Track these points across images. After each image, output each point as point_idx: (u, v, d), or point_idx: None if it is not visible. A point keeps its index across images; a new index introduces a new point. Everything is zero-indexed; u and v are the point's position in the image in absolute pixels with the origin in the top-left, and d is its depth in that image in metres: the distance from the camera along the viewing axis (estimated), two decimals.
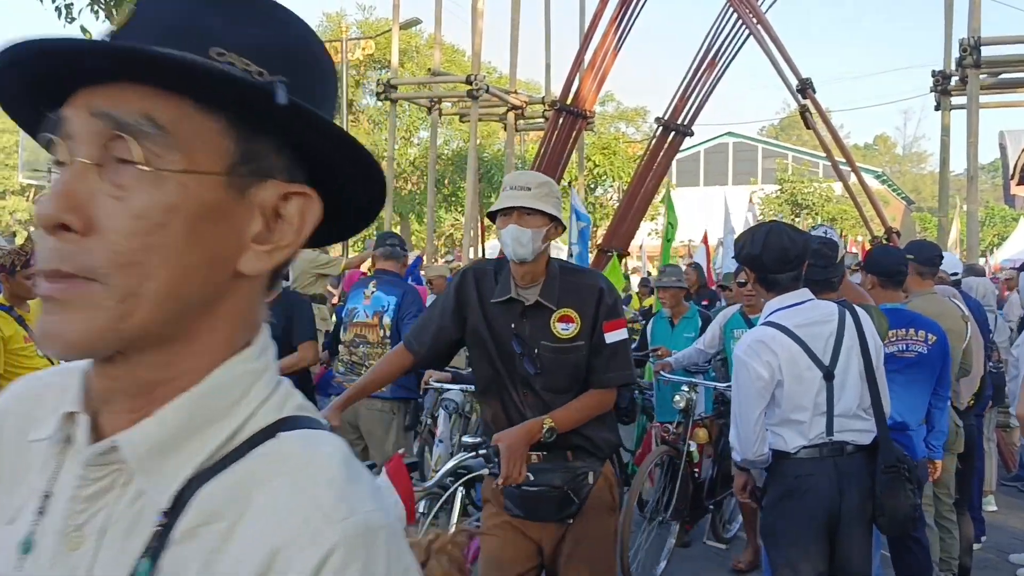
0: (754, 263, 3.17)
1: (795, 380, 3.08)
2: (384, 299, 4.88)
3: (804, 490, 3.08)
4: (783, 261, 3.12)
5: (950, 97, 10.28)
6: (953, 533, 4.69)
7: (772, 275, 3.15)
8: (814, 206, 32.28)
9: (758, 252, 3.13)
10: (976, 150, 9.17)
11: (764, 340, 3.11)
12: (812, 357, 3.09)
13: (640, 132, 32.46)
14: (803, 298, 3.18)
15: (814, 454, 3.08)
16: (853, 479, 3.09)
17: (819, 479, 3.07)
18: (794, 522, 3.10)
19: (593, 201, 22.81)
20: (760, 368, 3.07)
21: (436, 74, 13.50)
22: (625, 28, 10.79)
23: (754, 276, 3.20)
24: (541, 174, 2.83)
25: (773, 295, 3.19)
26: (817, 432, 3.08)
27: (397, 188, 20.54)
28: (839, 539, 3.12)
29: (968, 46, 8.74)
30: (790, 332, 3.09)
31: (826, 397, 3.08)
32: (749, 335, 3.26)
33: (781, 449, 3.14)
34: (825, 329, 3.13)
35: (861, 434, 3.12)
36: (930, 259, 4.66)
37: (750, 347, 3.13)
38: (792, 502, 3.10)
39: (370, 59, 24.25)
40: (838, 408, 3.09)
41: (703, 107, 11.88)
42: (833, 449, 3.09)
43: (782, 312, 3.15)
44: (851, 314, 3.18)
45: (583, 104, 11.06)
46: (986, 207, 33.79)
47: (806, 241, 3.22)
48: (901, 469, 3.09)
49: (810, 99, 9.59)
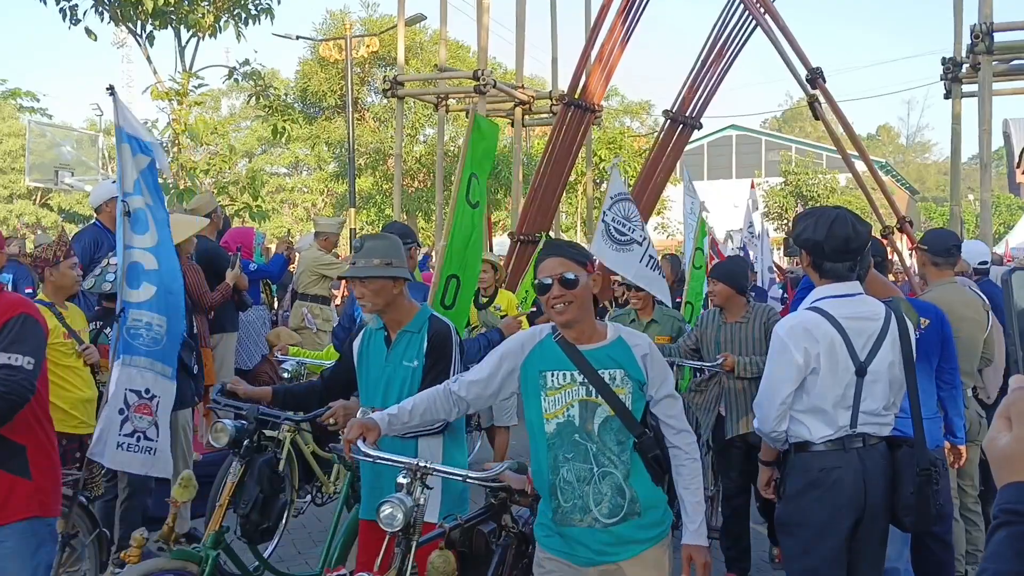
0: (814, 248, 3.12)
1: (829, 371, 3.05)
2: None
3: (830, 483, 3.06)
4: (844, 251, 3.08)
5: (961, 85, 10.21)
6: (979, 525, 4.66)
7: (831, 263, 3.11)
8: (818, 198, 32.23)
9: (821, 238, 3.08)
10: (989, 137, 9.10)
11: (808, 326, 3.08)
12: (850, 351, 3.06)
13: (645, 126, 32.37)
14: (855, 291, 3.14)
15: (838, 446, 3.07)
16: (878, 473, 3.08)
17: (845, 472, 3.05)
18: (819, 514, 3.08)
19: (599, 196, 22.76)
20: (797, 354, 3.05)
21: (443, 70, 13.46)
22: (633, 20, 10.73)
23: (809, 260, 3.16)
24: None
25: (825, 282, 3.15)
26: (842, 424, 3.07)
27: (404, 186, 20.49)
28: (860, 534, 3.10)
29: (980, 32, 8.67)
30: (836, 322, 3.06)
31: (854, 392, 3.06)
32: (793, 317, 3.23)
33: (804, 439, 3.12)
34: (870, 326, 3.09)
35: (880, 427, 3.11)
36: (945, 249, 4.61)
37: (792, 329, 3.11)
38: (817, 494, 3.08)
39: (374, 56, 24.20)
40: (864, 405, 3.07)
41: (711, 99, 11.83)
42: (855, 441, 3.07)
43: (831, 300, 3.11)
44: (896, 316, 3.15)
45: (591, 98, 11.00)
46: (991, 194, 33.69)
47: (868, 232, 3.18)
48: (933, 472, 3.09)
49: (820, 89, 9.52)
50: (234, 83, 15.94)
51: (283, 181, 36.74)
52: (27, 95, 32.28)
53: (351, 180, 18.51)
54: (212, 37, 13.91)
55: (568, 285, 2.70)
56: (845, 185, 32.77)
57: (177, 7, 13.22)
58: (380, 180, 25.67)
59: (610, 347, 2.78)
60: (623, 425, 2.71)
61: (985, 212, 9.50)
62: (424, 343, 3.38)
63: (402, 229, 5.03)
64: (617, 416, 2.72)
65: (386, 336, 3.47)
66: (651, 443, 2.74)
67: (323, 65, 24.94)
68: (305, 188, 36.01)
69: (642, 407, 2.77)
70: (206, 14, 13.53)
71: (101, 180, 15.21)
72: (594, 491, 2.71)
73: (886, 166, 41.80)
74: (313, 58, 26.32)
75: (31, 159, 21.23)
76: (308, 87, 26.51)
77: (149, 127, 13.07)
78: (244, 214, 13.71)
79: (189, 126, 13.03)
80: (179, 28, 13.79)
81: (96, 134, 23.83)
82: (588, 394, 2.74)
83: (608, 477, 2.71)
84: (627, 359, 2.77)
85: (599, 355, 2.77)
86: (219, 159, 14.02)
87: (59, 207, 30.72)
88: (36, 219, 30.07)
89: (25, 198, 31.15)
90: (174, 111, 13.00)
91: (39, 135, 23.12)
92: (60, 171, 20.17)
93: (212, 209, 6.86)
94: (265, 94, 15.50)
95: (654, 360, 2.79)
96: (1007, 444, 1.01)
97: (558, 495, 2.75)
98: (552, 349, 2.81)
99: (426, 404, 2.93)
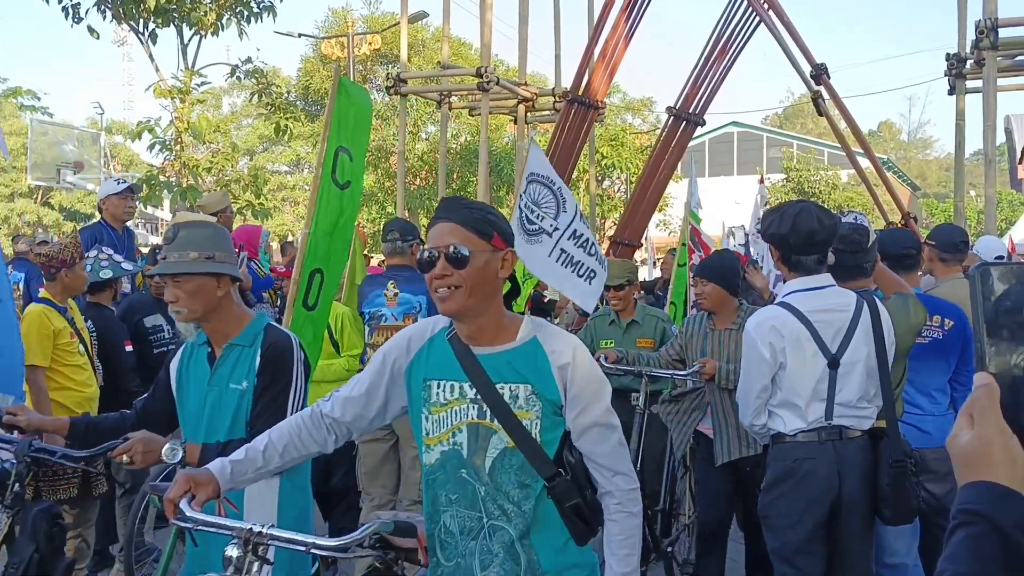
0: (781, 242, 3.17)
1: (797, 365, 3.10)
2: (412, 300, 4.70)
3: (803, 473, 3.11)
4: (810, 244, 3.12)
5: (965, 81, 10.19)
6: None
7: (797, 256, 3.15)
8: (820, 194, 32.26)
9: (786, 232, 3.13)
10: (994, 133, 9.08)
11: (774, 322, 3.14)
12: (820, 344, 3.09)
13: (647, 123, 32.32)
14: (824, 283, 3.18)
15: (812, 438, 3.12)
16: (854, 465, 3.12)
17: (818, 463, 3.10)
18: (793, 505, 3.13)
19: (601, 193, 22.78)
20: (764, 349, 3.11)
21: (445, 68, 13.43)
22: (636, 16, 10.71)
23: (778, 255, 3.21)
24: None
25: (795, 276, 3.19)
26: (816, 416, 3.11)
27: (407, 183, 20.49)
28: (838, 526, 3.14)
29: (985, 28, 8.65)
30: (802, 316, 3.11)
31: (828, 384, 3.10)
32: (761, 313, 3.29)
33: (780, 431, 3.17)
34: (840, 318, 3.13)
35: (860, 420, 3.14)
36: (952, 245, 4.59)
37: (759, 325, 3.17)
38: (790, 484, 3.13)
39: (376, 54, 24.20)
40: (839, 397, 3.11)
41: (715, 95, 11.80)
42: (832, 433, 3.11)
43: (799, 295, 3.16)
44: (869, 306, 3.16)
45: (594, 95, 10.99)
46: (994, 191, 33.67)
47: (835, 225, 3.20)
48: (908, 464, 3.12)
49: (825, 85, 9.51)
50: (236, 81, 15.92)
51: (285, 179, 36.71)
52: (28, 94, 32.23)
53: None
54: (214, 35, 13.92)
55: (457, 263, 1.96)
56: (847, 181, 32.79)
57: (179, 5, 13.23)
58: (383, 177, 25.64)
59: (515, 352, 2.03)
60: (526, 462, 1.99)
61: (990, 208, 9.48)
62: (257, 359, 2.66)
63: (403, 225, 5.03)
64: (519, 449, 1.99)
65: (210, 352, 2.73)
66: (568, 489, 1.98)
67: (325, 63, 24.92)
68: (306, 186, 36.00)
69: (558, 437, 2.02)
70: (208, 12, 13.54)
71: (104, 179, 15.22)
72: (481, 549, 2.03)
73: (888, 162, 41.75)
74: (315, 56, 26.32)
75: (32, 157, 21.25)
76: (310, 85, 26.52)
77: (152, 125, 13.05)
78: (247, 212, 13.71)
79: (191, 124, 13.03)
80: (181, 26, 13.79)
81: (98, 132, 23.85)
82: (480, 415, 2.02)
83: (499, 533, 2.01)
84: (536, 370, 2.01)
85: (498, 362, 2.02)
86: (221, 157, 14.02)
87: (60, 206, 30.71)
88: (37, 217, 30.04)
89: (26, 196, 31.13)
90: (176, 109, 13.00)
91: (40, 134, 23.16)
92: (62, 169, 20.18)
93: (221, 208, 6.68)
94: (267, 92, 15.48)
95: (580, 373, 2.01)
96: (967, 442, 0.99)
97: (437, 551, 2.09)
98: (442, 350, 2.10)
99: (288, 438, 2.17)
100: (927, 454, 3.63)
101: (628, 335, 5.14)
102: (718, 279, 4.27)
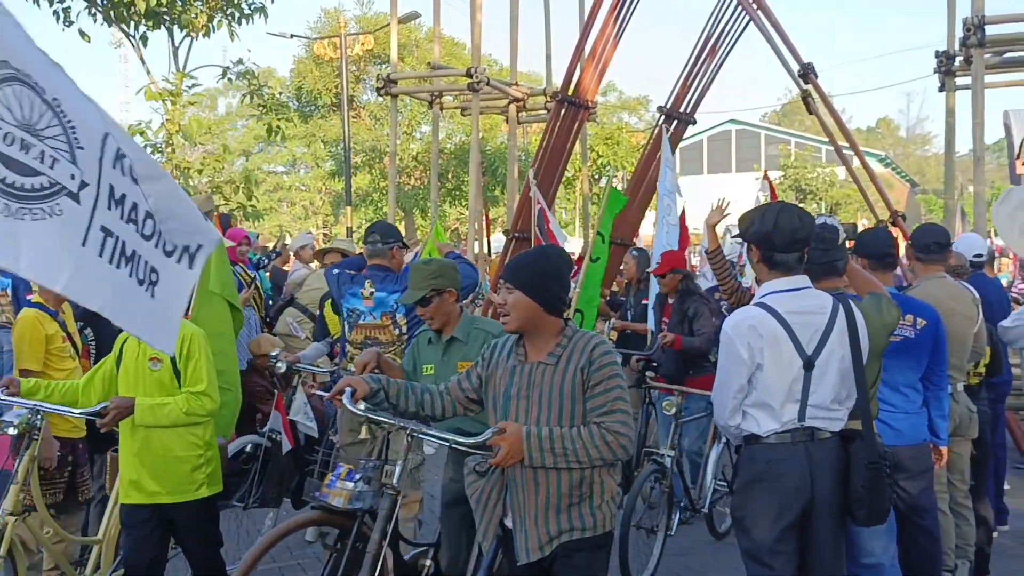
0: (764, 241, 3.18)
1: (774, 366, 3.11)
2: (388, 299, 4.78)
3: (775, 475, 3.12)
4: (792, 241, 3.14)
5: (955, 77, 10.19)
6: (969, 519, 4.65)
7: (779, 255, 3.16)
8: (818, 191, 32.25)
9: (770, 229, 3.14)
10: (982, 131, 9.09)
11: (752, 322, 3.14)
12: (796, 345, 3.10)
13: (643, 121, 32.34)
14: (801, 284, 3.20)
15: (785, 439, 3.12)
16: (826, 467, 3.12)
17: (791, 465, 3.10)
18: (765, 507, 3.14)
19: (598, 192, 22.78)
20: (742, 349, 3.12)
21: (436, 68, 13.43)
22: (625, 16, 10.70)
23: (759, 254, 3.21)
24: None
25: (774, 275, 3.20)
26: (790, 417, 3.12)
27: (400, 184, 20.50)
28: (811, 527, 3.14)
29: (972, 25, 8.65)
30: (780, 317, 3.12)
31: (802, 386, 3.11)
32: (739, 313, 3.30)
33: (753, 432, 3.18)
34: (816, 319, 3.14)
35: (831, 422, 3.16)
36: (925, 246, 4.59)
37: (737, 325, 3.17)
38: (763, 486, 3.14)
39: (369, 54, 24.19)
40: (812, 399, 3.12)
41: (705, 94, 11.79)
42: (804, 434, 3.12)
43: (777, 296, 3.17)
44: (845, 309, 3.18)
45: (585, 95, 10.98)
46: (991, 187, 33.68)
47: (813, 223, 3.25)
48: (883, 465, 3.12)
49: (812, 84, 9.51)
50: (228, 82, 15.93)
51: (280, 179, 36.72)
52: None
53: (347, 178, 18.52)
54: (206, 37, 13.91)
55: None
56: (844, 179, 32.74)
57: (170, 7, 13.22)
58: (377, 178, 25.67)
59: None
60: None
61: (979, 205, 9.48)
62: None
63: (385, 228, 5.06)
64: None
65: None
66: None
67: (318, 63, 24.93)
68: (303, 186, 36.01)
69: None
70: (199, 14, 13.53)
71: None
72: None
73: (886, 159, 41.73)
74: (308, 56, 26.32)
75: None
76: (303, 85, 26.51)
77: (143, 128, 13.04)
78: (239, 214, 13.71)
79: (183, 126, 13.02)
80: (172, 28, 13.79)
81: None
82: None
83: None
84: None
85: None
86: (213, 159, 14.01)
87: None
88: None
89: None
90: (168, 111, 12.99)
91: None
92: None
93: (206, 211, 6.70)
94: (259, 93, 15.48)
95: None
96: None
97: None
98: None
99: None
100: (901, 452, 3.65)
101: (448, 357, 3.82)
102: (529, 287, 2.84)
